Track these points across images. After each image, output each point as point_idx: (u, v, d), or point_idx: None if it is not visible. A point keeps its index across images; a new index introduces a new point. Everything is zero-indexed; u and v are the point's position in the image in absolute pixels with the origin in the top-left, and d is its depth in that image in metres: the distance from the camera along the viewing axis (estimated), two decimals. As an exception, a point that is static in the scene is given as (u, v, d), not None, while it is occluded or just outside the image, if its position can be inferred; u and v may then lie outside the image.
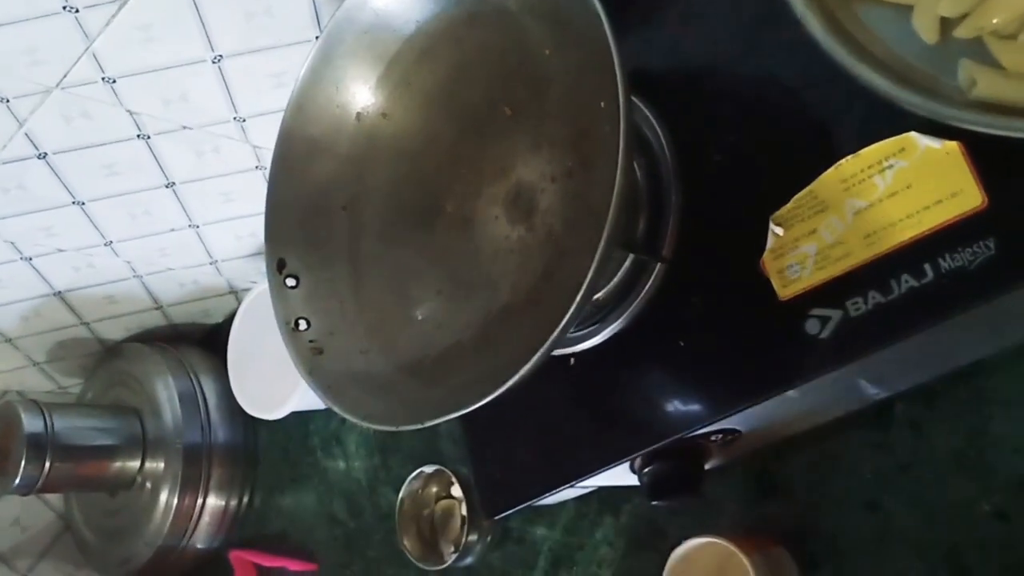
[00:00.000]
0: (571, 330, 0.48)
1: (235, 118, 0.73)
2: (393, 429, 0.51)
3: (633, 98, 0.58)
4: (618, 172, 0.45)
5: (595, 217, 0.53)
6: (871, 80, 0.42)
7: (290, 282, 0.62)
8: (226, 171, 0.80)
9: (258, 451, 1.05)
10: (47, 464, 0.93)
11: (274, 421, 0.94)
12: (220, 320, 1.11)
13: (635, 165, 0.57)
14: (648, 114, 0.58)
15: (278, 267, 0.62)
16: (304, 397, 0.90)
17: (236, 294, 1.05)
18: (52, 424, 0.95)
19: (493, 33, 0.57)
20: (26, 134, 0.69)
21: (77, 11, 0.58)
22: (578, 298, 0.45)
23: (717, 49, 0.57)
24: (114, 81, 0.65)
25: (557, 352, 0.59)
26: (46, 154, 0.71)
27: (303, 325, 0.60)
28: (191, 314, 1.07)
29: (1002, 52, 0.39)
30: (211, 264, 0.96)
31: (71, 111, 0.68)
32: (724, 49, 0.56)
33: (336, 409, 0.54)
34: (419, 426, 0.50)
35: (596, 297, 0.56)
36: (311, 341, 0.59)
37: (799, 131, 0.52)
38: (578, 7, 0.47)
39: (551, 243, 0.56)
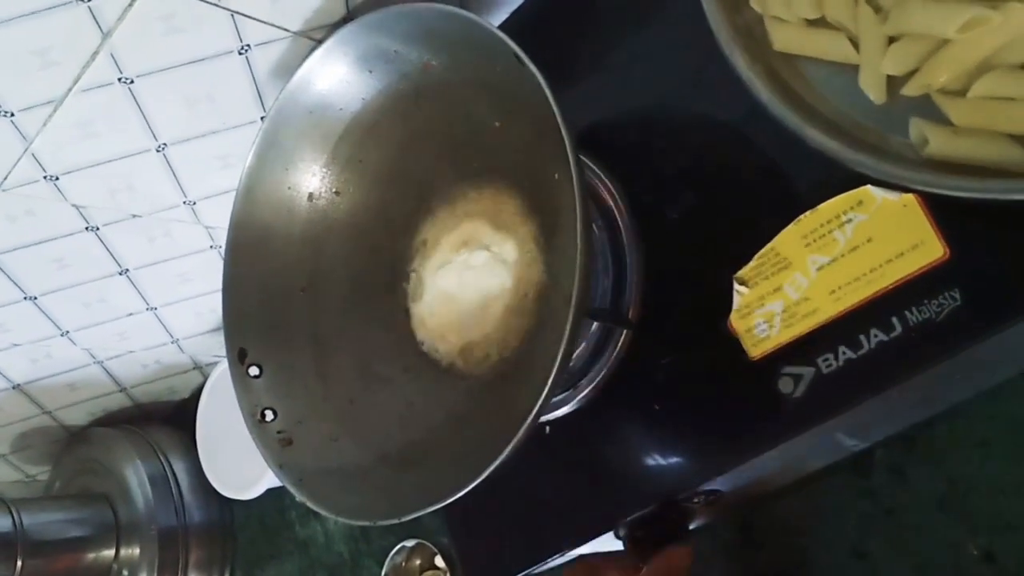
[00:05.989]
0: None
1: (185, 202, 0.72)
2: (371, 524, 0.50)
3: (584, 159, 0.57)
4: (579, 243, 0.44)
5: (559, 286, 0.53)
6: (820, 143, 0.41)
7: (253, 371, 0.60)
8: (180, 253, 0.79)
9: (235, 528, 1.03)
10: (18, 563, 0.89)
11: (249, 498, 0.92)
12: (187, 396, 1.08)
13: (594, 228, 0.56)
14: (601, 174, 0.58)
15: (239, 357, 0.60)
16: (278, 473, 0.87)
17: (201, 369, 1.03)
18: (20, 521, 0.91)
19: (440, 107, 0.56)
20: (-31, 237, 0.68)
21: (12, 114, 0.57)
22: (552, 374, 0.44)
23: (664, 98, 0.56)
24: (57, 178, 0.64)
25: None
26: (-9, 254, 0.70)
27: (269, 416, 0.58)
28: (156, 393, 1.05)
29: (951, 109, 0.39)
30: (173, 343, 0.94)
31: (14, 211, 0.66)
32: (670, 97, 0.56)
33: (311, 505, 0.53)
34: (397, 520, 0.48)
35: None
36: (279, 432, 0.58)
37: (754, 185, 0.51)
38: (520, 78, 0.46)
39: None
